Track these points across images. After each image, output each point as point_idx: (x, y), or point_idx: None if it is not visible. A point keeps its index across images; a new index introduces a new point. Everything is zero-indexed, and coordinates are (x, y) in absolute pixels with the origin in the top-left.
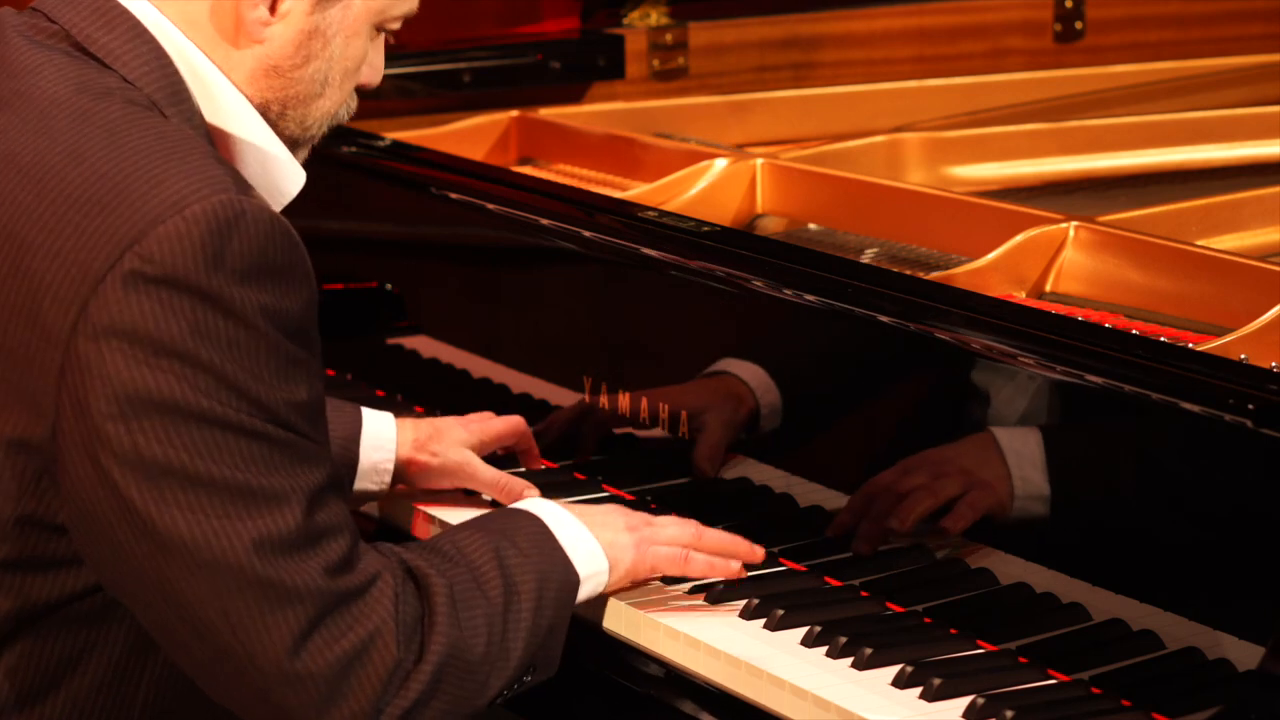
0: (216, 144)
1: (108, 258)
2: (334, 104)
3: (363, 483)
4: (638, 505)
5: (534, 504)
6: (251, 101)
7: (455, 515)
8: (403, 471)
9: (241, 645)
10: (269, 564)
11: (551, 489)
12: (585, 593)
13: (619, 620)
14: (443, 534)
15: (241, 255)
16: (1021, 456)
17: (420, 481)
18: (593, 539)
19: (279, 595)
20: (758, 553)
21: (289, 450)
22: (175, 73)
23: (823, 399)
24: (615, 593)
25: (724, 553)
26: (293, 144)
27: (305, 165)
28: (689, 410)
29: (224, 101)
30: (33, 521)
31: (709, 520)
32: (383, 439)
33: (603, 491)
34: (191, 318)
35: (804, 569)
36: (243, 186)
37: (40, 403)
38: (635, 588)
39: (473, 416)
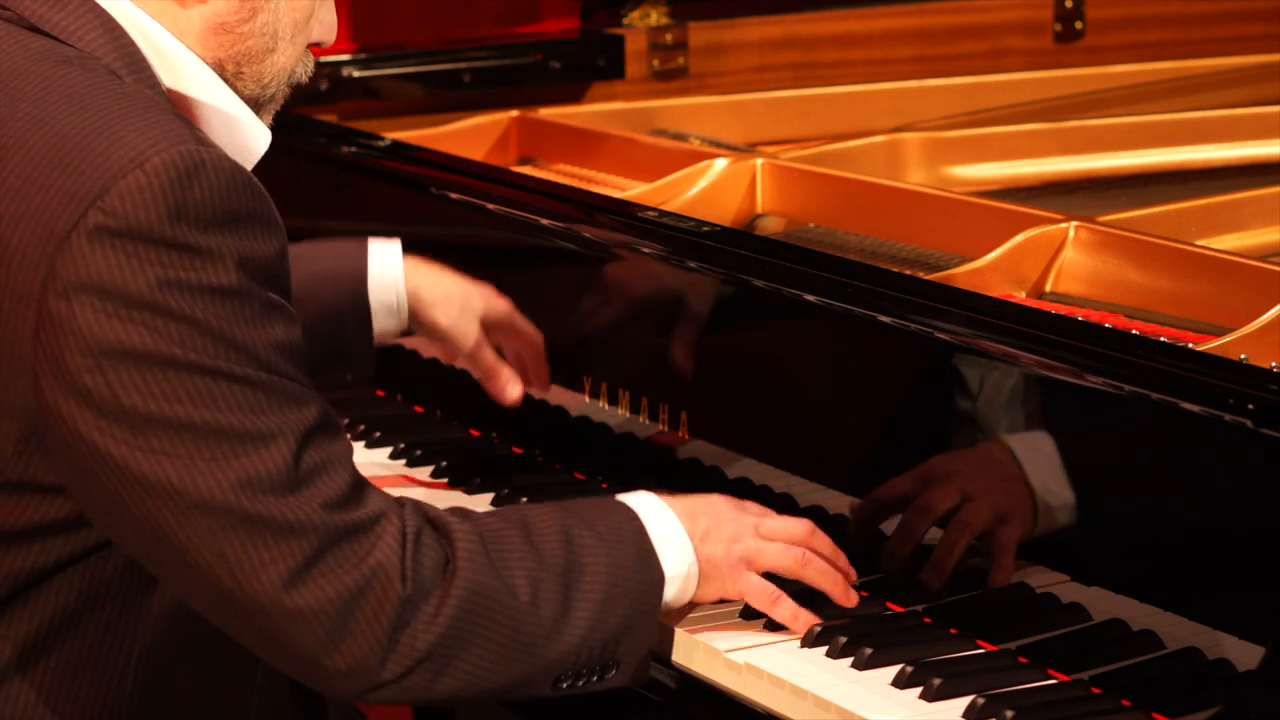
0: (179, 109)
1: (72, 215)
2: (289, 60)
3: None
4: None
5: (636, 496)
6: (206, 63)
7: None
8: (413, 310)
9: (239, 586)
10: (259, 502)
11: (551, 489)
12: (671, 594)
13: None
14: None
15: (204, 204)
16: (1044, 473)
17: (418, 332)
18: (688, 543)
19: (272, 532)
20: (852, 596)
21: (272, 392)
22: (130, 42)
23: (823, 399)
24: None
25: (831, 591)
26: (254, 105)
27: (305, 165)
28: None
29: (181, 66)
30: (21, 486)
31: None
32: (390, 275)
33: (603, 491)
34: (159, 268)
35: None
36: (202, 140)
37: (19, 366)
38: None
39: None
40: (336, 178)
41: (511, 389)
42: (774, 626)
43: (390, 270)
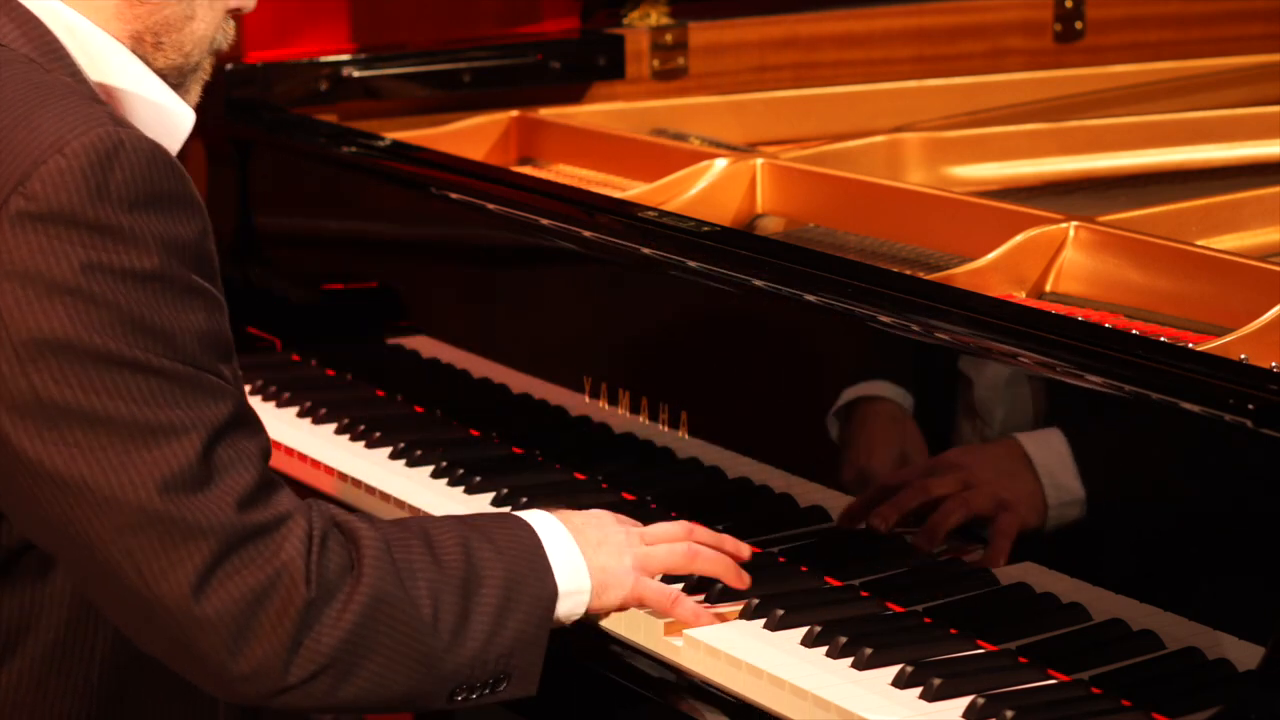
0: (104, 99)
1: None
2: (208, 27)
3: None
4: (638, 505)
5: (530, 513)
6: (126, 39)
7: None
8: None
9: (146, 586)
10: (168, 500)
11: (551, 489)
12: (564, 609)
13: (617, 618)
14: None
15: (126, 184)
16: (1051, 466)
17: None
18: (580, 558)
19: (179, 531)
20: (743, 550)
21: (188, 384)
22: (48, 31)
23: (823, 399)
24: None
25: (724, 578)
26: (179, 77)
27: (305, 165)
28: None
29: (102, 54)
30: None
31: (710, 521)
32: None
33: (603, 490)
34: (81, 252)
35: (804, 569)
36: (120, 121)
37: None
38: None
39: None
40: (336, 178)
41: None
42: (776, 627)
43: None
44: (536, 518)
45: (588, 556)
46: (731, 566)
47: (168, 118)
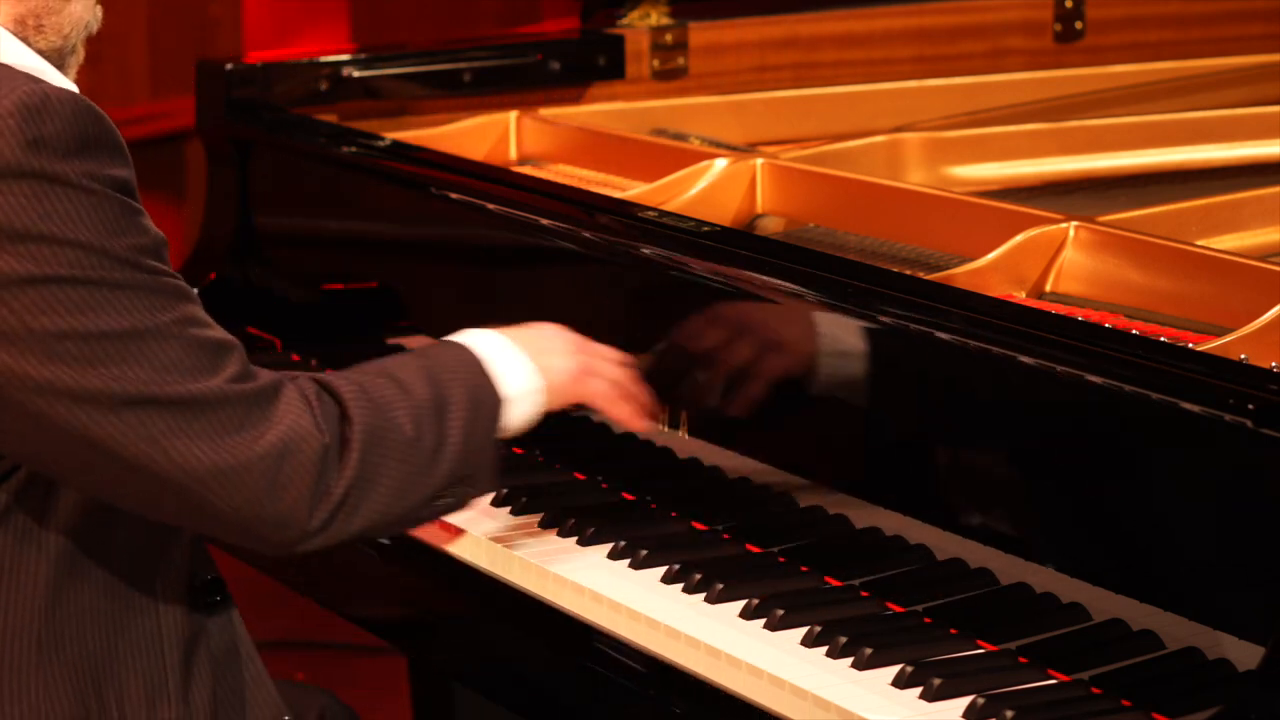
0: None
1: None
2: (84, 9)
3: None
4: (638, 505)
5: (466, 335)
6: (9, 23)
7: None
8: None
9: (175, 465)
10: (177, 384)
11: (551, 489)
12: (521, 409)
13: (618, 620)
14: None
15: (59, 134)
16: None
17: None
18: (526, 360)
19: (196, 408)
20: (650, 425)
21: (158, 290)
22: None
23: (822, 399)
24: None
25: (648, 408)
26: (58, 59)
27: (305, 165)
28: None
29: None
30: None
31: (710, 521)
32: None
33: (603, 490)
34: (30, 201)
35: (804, 569)
36: (38, 78)
37: None
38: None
39: None
40: (336, 178)
41: None
42: (776, 627)
43: None
44: (476, 336)
45: (535, 361)
46: (645, 427)
47: None
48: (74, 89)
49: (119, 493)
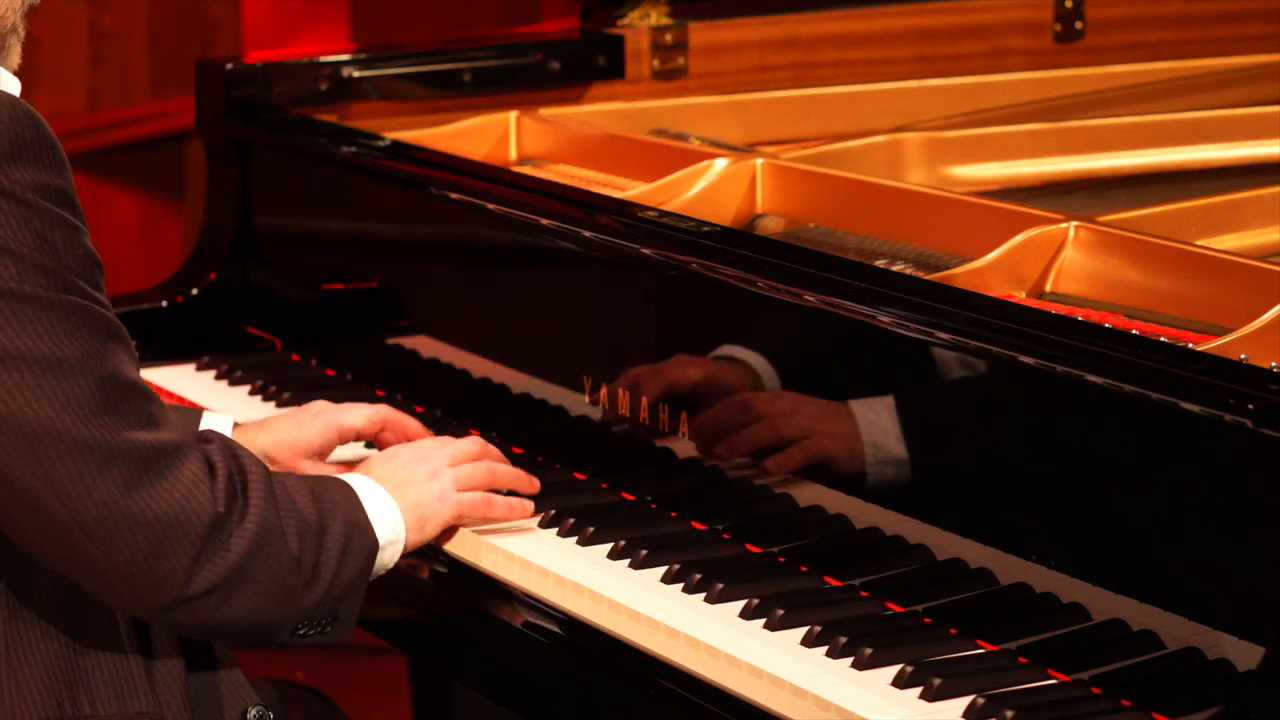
0: None
1: None
2: None
3: None
4: (638, 505)
5: (343, 475)
6: None
7: None
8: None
9: (65, 509)
10: (83, 425)
11: (551, 490)
12: (385, 559)
13: (618, 620)
14: None
15: None
16: (873, 425)
17: None
18: (395, 507)
19: (98, 454)
20: (535, 483)
21: (83, 315)
22: None
23: (822, 398)
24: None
25: (517, 488)
26: (1, 42)
27: (305, 165)
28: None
29: None
30: None
31: (710, 521)
32: None
33: (603, 490)
34: None
35: (804, 569)
36: None
37: None
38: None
39: (318, 412)
40: (336, 178)
41: None
42: (776, 627)
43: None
44: (347, 476)
45: (399, 499)
46: (524, 477)
47: None
48: (15, 86)
49: (10, 524)
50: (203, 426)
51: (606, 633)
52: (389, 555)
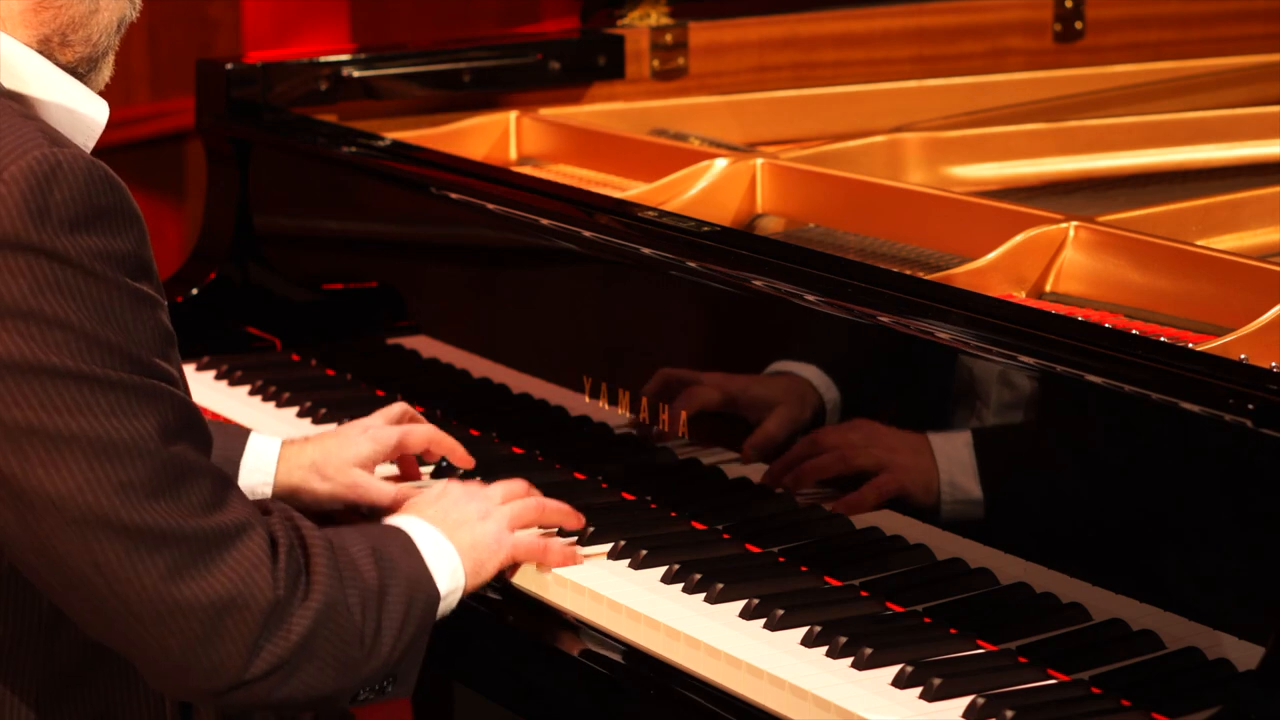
0: (21, 104)
1: None
2: (113, 14)
3: None
4: (638, 505)
5: (399, 518)
6: (33, 43)
7: None
8: (294, 498)
9: (114, 594)
10: (135, 510)
11: (551, 490)
12: (443, 608)
13: (618, 620)
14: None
15: (66, 205)
16: (951, 460)
17: (315, 508)
18: (454, 553)
19: (148, 539)
20: (580, 519)
21: (144, 394)
22: None
23: (824, 400)
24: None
25: (565, 524)
26: (89, 65)
27: (305, 165)
28: (754, 402)
29: (10, 60)
30: None
31: (710, 521)
32: (263, 462)
33: (603, 490)
34: (29, 275)
35: (804, 569)
36: (55, 138)
37: None
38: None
39: (379, 418)
40: (336, 178)
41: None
42: (776, 627)
43: (264, 463)
44: (408, 523)
45: (456, 542)
46: (570, 512)
47: (81, 118)
48: (102, 110)
49: (54, 594)
50: (248, 448)
51: (606, 633)
52: (448, 605)
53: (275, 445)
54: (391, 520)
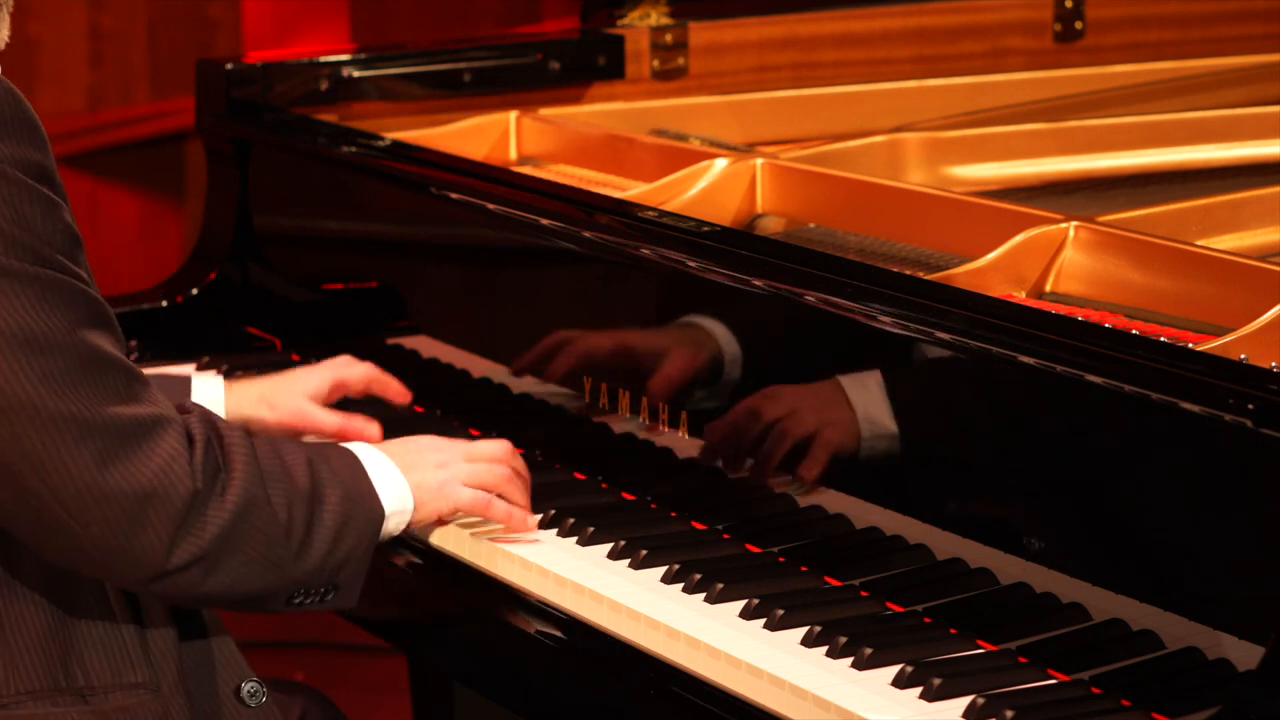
0: None
1: None
2: None
3: None
4: (638, 505)
5: (354, 444)
6: None
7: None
8: (244, 430)
9: (43, 483)
10: (59, 399)
11: (551, 490)
12: (389, 527)
13: (618, 620)
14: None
15: None
16: (866, 399)
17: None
18: (402, 479)
19: (74, 428)
20: (533, 522)
21: (59, 289)
22: None
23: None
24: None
25: (525, 505)
26: None
27: (305, 165)
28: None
29: None
30: None
31: (710, 520)
32: (212, 398)
33: (603, 490)
34: None
35: (804, 569)
36: None
37: None
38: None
39: (329, 362)
40: (336, 178)
41: (369, 429)
42: (776, 627)
43: (212, 399)
44: (356, 446)
45: (406, 476)
46: (524, 527)
47: None
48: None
49: None
50: (194, 392)
51: (606, 633)
52: (394, 524)
53: (219, 383)
54: (348, 444)
